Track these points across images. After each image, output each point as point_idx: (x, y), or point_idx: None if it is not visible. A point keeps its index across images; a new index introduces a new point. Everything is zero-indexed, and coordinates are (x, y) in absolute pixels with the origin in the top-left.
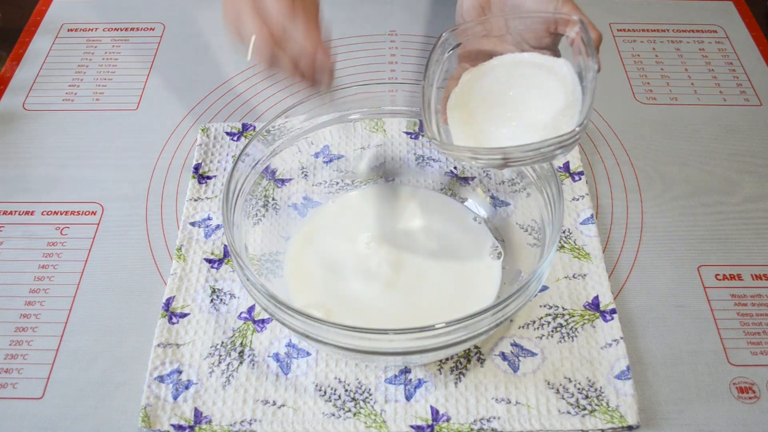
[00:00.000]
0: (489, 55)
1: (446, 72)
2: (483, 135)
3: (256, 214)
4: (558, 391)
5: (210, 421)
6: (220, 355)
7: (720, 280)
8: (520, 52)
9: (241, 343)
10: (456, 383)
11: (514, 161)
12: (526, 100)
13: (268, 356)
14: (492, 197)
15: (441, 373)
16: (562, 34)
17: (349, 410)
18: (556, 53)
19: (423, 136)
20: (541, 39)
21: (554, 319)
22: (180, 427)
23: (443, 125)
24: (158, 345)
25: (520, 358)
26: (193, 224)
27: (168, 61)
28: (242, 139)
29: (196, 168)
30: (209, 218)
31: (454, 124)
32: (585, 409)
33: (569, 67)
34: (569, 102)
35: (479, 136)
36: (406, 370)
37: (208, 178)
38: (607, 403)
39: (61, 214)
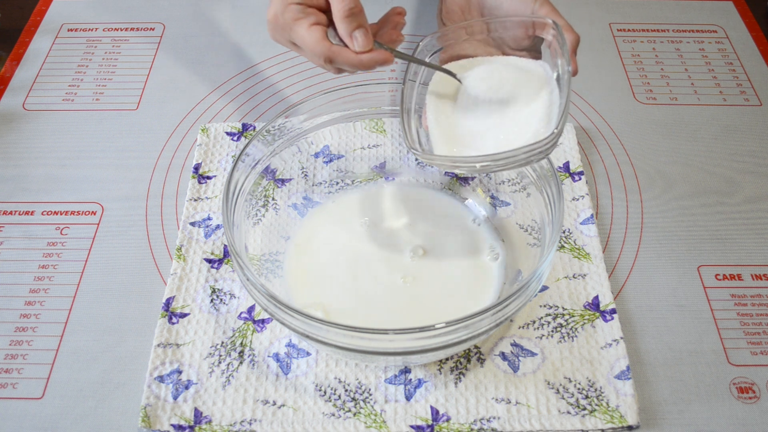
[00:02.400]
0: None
1: (426, 77)
2: (463, 140)
3: (256, 214)
4: (558, 391)
5: (210, 421)
6: (220, 355)
7: (720, 280)
8: (500, 54)
9: (241, 343)
10: (456, 383)
11: (494, 168)
12: (505, 102)
13: (268, 356)
14: (492, 197)
15: (441, 373)
16: (540, 36)
17: (349, 410)
18: (537, 55)
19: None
20: (520, 42)
21: (554, 319)
22: (180, 427)
23: (423, 130)
24: (158, 345)
25: (520, 358)
26: (193, 224)
27: (168, 61)
28: (242, 139)
29: (196, 168)
30: (209, 218)
31: (434, 129)
32: (585, 409)
33: (547, 68)
34: (547, 104)
35: (459, 140)
36: (406, 370)
37: (208, 178)
38: (607, 403)
39: (61, 214)
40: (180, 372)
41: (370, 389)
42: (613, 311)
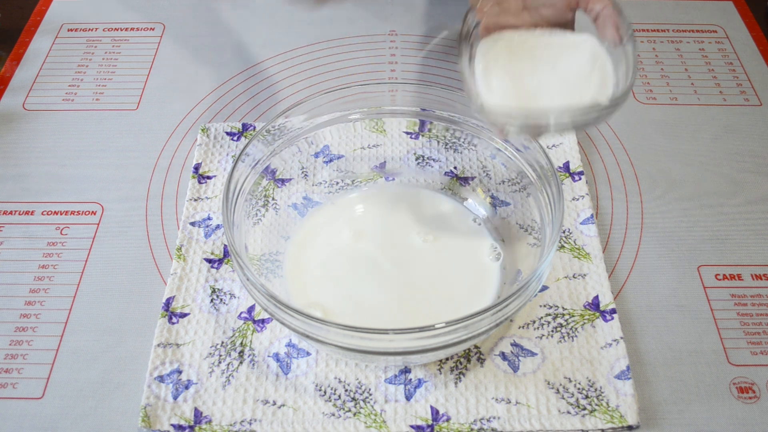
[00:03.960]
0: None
1: (475, 42)
2: (521, 97)
3: (256, 214)
4: (558, 391)
5: (210, 421)
6: (220, 355)
7: (720, 280)
8: (539, 28)
9: (241, 343)
10: (456, 383)
11: (562, 126)
12: (557, 70)
13: (268, 356)
14: (492, 197)
15: (441, 373)
16: (580, 9)
17: (349, 410)
18: (573, 28)
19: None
20: (563, 14)
21: (554, 319)
22: (180, 427)
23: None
24: (158, 345)
25: (520, 358)
26: (193, 224)
27: (168, 61)
28: (242, 139)
29: (196, 168)
30: (209, 218)
31: (493, 96)
32: (585, 409)
33: (593, 40)
34: (601, 72)
35: (516, 98)
36: (406, 370)
37: (208, 178)
38: (607, 403)
39: (61, 214)
40: (180, 372)
41: (370, 389)
42: (613, 311)
